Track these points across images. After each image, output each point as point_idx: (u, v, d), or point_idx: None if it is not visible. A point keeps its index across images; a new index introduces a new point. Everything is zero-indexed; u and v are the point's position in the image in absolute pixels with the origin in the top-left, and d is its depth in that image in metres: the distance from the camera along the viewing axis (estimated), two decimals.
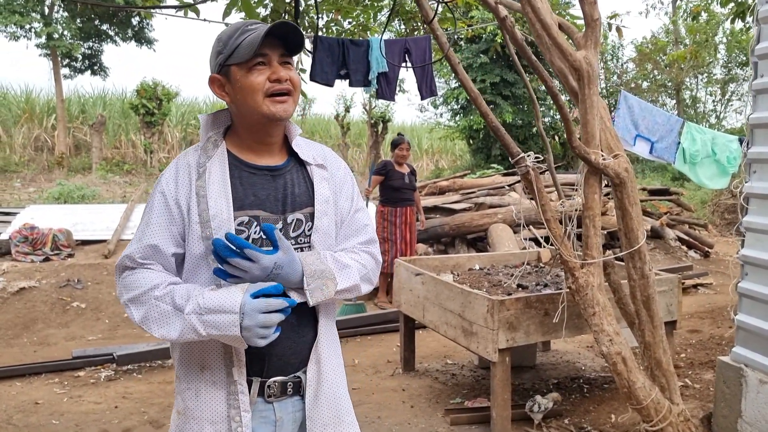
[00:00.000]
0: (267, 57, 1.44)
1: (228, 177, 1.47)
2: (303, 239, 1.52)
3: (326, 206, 1.55)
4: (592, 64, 2.78)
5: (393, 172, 6.50)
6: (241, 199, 1.47)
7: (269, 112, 1.45)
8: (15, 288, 5.82)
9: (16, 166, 17.40)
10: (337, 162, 1.66)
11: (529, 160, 2.87)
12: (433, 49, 5.48)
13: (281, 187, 1.51)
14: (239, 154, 1.52)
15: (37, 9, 17.66)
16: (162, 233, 1.45)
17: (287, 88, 1.46)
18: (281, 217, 1.50)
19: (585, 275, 2.95)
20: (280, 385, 1.49)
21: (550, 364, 4.77)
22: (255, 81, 1.44)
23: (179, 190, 1.46)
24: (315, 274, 1.45)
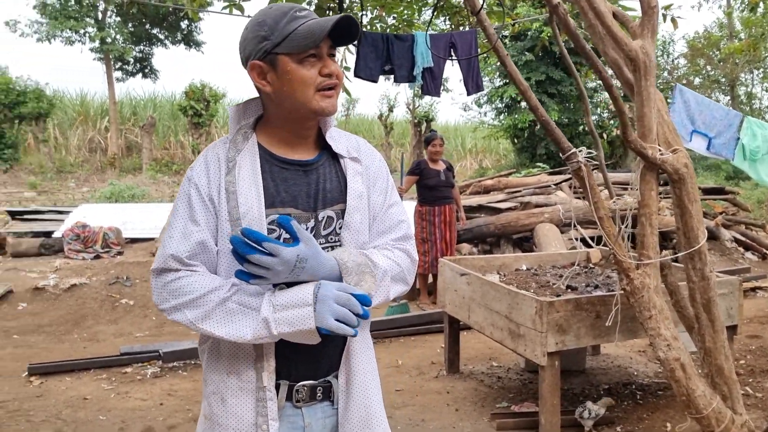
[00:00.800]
0: (319, 49, 1.36)
1: (259, 172, 1.38)
2: (333, 237, 1.43)
3: (359, 202, 1.45)
4: (649, 54, 2.64)
5: (427, 170, 6.32)
6: (273, 195, 1.38)
7: (319, 107, 1.37)
8: (67, 285, 5.97)
9: (71, 167, 18.01)
10: (371, 154, 1.56)
11: (581, 156, 2.75)
12: (478, 44, 5.35)
13: (313, 183, 1.43)
14: (270, 148, 1.43)
15: (90, 14, 18.24)
16: (206, 229, 1.36)
17: (335, 82, 1.39)
18: (313, 214, 1.41)
19: (641, 276, 2.80)
20: (310, 389, 1.41)
21: (601, 368, 4.60)
22: (307, 74, 1.35)
23: (211, 185, 1.38)
24: (353, 269, 1.34)
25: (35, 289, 5.88)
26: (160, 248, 1.38)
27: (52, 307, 5.69)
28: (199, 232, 1.35)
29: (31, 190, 14.35)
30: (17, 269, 6.53)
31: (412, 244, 1.56)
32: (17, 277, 6.24)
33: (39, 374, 4.23)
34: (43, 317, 5.51)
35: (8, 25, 17.92)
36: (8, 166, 16.71)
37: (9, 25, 17.90)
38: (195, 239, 1.35)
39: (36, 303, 5.73)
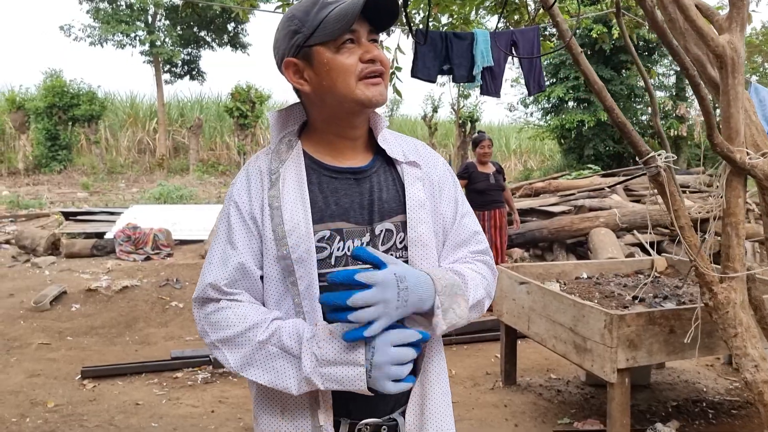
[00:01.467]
0: (356, 33, 1.20)
1: (305, 184, 1.24)
2: (394, 253, 1.25)
3: (421, 212, 1.27)
4: (737, 49, 2.42)
5: (476, 173, 6.04)
6: (322, 209, 1.23)
7: (364, 96, 1.20)
8: (118, 286, 6.01)
9: (121, 168, 18.43)
10: (433, 158, 1.38)
11: (661, 160, 2.55)
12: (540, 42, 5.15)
13: (367, 193, 1.26)
14: (317, 156, 1.28)
15: (141, 18, 18.63)
16: (247, 252, 1.22)
17: (380, 69, 1.22)
18: (368, 228, 1.25)
19: (725, 291, 2.58)
20: (373, 428, 1.24)
21: (667, 383, 4.36)
22: (346, 62, 1.19)
23: (253, 202, 1.24)
24: (446, 289, 1.17)
25: (88, 290, 5.94)
26: (201, 275, 1.26)
27: (104, 308, 5.73)
28: (237, 256, 1.22)
29: (83, 190, 14.72)
30: (71, 270, 6.62)
31: (492, 257, 1.42)
32: (71, 278, 6.32)
33: (92, 377, 4.24)
34: (96, 319, 5.55)
35: (62, 30, 18.47)
36: (62, 166, 17.20)
37: (63, 29, 18.45)
38: (233, 264, 1.22)
39: (89, 304, 5.78)
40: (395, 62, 5.27)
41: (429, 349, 1.28)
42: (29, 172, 17.04)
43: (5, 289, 6.12)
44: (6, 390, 4.02)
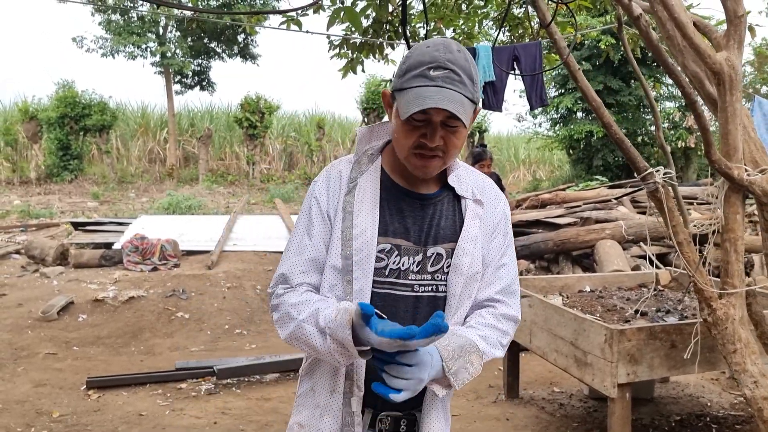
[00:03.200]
0: (428, 116, 1.30)
1: (378, 197, 1.39)
2: (440, 276, 1.40)
3: (471, 245, 1.40)
4: (735, 67, 2.44)
5: None
6: (386, 224, 1.39)
7: (411, 166, 1.36)
8: (125, 297, 6.05)
9: (131, 177, 18.57)
10: (496, 200, 1.50)
11: (659, 176, 2.56)
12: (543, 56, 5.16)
13: (428, 218, 1.41)
14: (393, 175, 1.44)
15: (152, 30, 18.82)
16: (321, 242, 1.40)
17: (432, 153, 1.33)
18: (422, 249, 1.39)
19: (724, 307, 2.59)
20: (393, 420, 1.41)
21: (671, 397, 4.33)
22: (405, 134, 1.33)
23: (330, 202, 1.41)
24: (454, 353, 1.31)
25: (95, 300, 5.99)
26: (279, 263, 1.45)
27: (111, 319, 5.77)
28: (311, 247, 1.40)
29: (93, 200, 14.84)
30: (79, 280, 6.68)
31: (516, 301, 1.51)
32: (78, 288, 6.38)
33: (97, 388, 4.27)
34: (102, 329, 5.59)
35: (75, 41, 18.67)
36: (73, 176, 17.35)
37: (76, 41, 18.66)
38: (307, 255, 1.40)
39: (96, 315, 5.83)
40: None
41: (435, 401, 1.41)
42: (41, 182, 17.21)
43: (14, 298, 6.18)
44: (12, 399, 4.07)
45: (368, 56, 5.01)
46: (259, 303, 6.45)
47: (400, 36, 4.77)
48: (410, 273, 1.38)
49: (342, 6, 3.51)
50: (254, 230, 8.86)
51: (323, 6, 4.30)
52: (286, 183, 18.04)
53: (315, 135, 20.49)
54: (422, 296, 1.39)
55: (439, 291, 1.40)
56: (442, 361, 1.28)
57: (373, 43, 4.81)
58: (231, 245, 8.10)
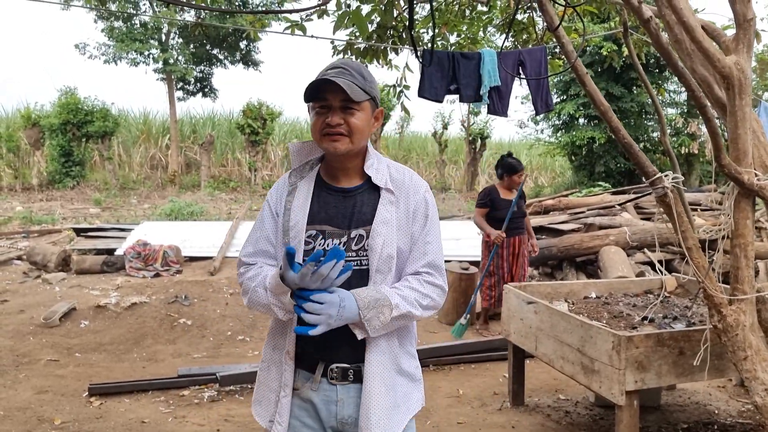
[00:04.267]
0: (327, 102, 1.67)
1: (310, 195, 1.74)
2: (362, 252, 1.69)
3: (383, 227, 1.68)
4: (744, 70, 2.42)
5: (498, 200, 5.66)
6: (315, 214, 1.72)
7: (324, 148, 1.73)
8: (127, 303, 6.03)
9: (133, 184, 18.57)
10: (415, 187, 1.77)
11: (668, 181, 2.53)
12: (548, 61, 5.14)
13: (350, 206, 1.72)
14: (325, 177, 1.79)
15: (155, 36, 18.85)
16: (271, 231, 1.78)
17: (338, 131, 1.66)
18: (346, 231, 1.69)
19: (734, 313, 2.56)
20: (341, 371, 1.70)
21: (677, 405, 4.29)
22: (313, 122, 1.71)
23: (278, 202, 1.78)
24: (369, 304, 1.60)
25: (97, 306, 5.96)
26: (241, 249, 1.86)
27: (113, 325, 5.74)
28: (262, 239, 1.79)
29: (96, 206, 14.83)
30: (81, 286, 6.66)
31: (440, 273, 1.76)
32: (80, 294, 6.35)
33: (99, 394, 4.24)
34: (104, 335, 5.56)
35: (78, 48, 18.70)
36: (75, 182, 17.34)
37: (78, 47, 18.68)
38: (257, 246, 1.80)
39: (98, 321, 5.80)
40: (404, 80, 5.31)
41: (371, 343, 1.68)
42: (43, 188, 17.20)
43: (16, 305, 6.16)
44: (14, 406, 4.04)
45: (372, 61, 5.00)
46: None
47: (404, 41, 4.76)
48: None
49: (348, 10, 3.50)
50: None
51: (327, 11, 4.30)
52: None
53: None
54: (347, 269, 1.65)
55: (363, 265, 1.68)
56: (358, 309, 1.58)
57: (377, 48, 4.80)
58: (233, 251, 8.08)
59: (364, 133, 1.70)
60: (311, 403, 1.71)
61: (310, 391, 1.71)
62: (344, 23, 3.60)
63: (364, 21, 3.55)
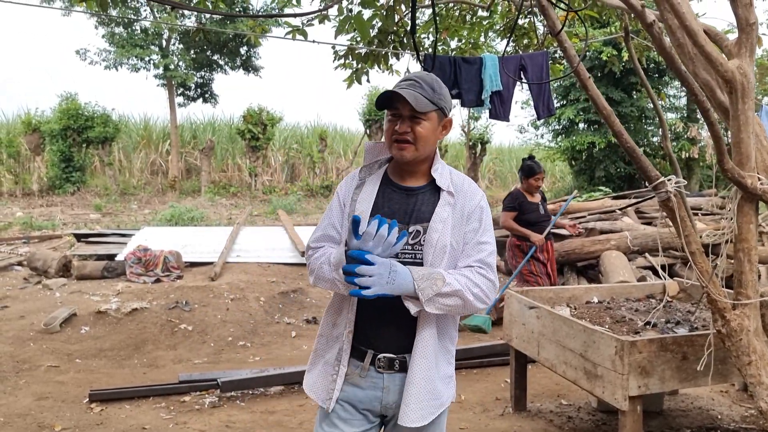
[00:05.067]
0: (398, 111, 1.84)
1: (376, 191, 1.91)
2: (417, 247, 1.83)
3: (439, 225, 1.82)
4: (747, 74, 2.42)
5: (526, 204, 5.54)
6: (378, 207, 1.88)
7: (393, 154, 1.89)
8: (128, 309, 6.01)
9: (134, 189, 18.56)
10: (472, 193, 1.91)
11: (671, 185, 2.53)
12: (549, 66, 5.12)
13: (412, 204, 1.88)
14: (392, 176, 1.95)
15: (155, 42, 18.89)
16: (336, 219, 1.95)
17: (405, 138, 1.83)
18: (405, 226, 1.84)
19: (738, 318, 2.55)
20: (388, 360, 1.85)
21: (680, 410, 4.28)
22: (386, 128, 1.89)
23: (346, 195, 1.96)
24: (423, 276, 1.73)
25: (98, 312, 5.95)
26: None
27: (113, 331, 5.73)
28: (329, 226, 1.96)
29: (96, 211, 14.81)
30: (81, 292, 6.64)
31: (491, 269, 1.86)
32: (81, 300, 6.34)
33: (99, 401, 4.22)
34: (105, 341, 5.54)
35: (78, 54, 18.73)
36: (76, 188, 17.34)
37: (79, 53, 18.72)
38: (325, 231, 1.96)
39: (98, 327, 5.79)
40: None
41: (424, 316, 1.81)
42: (43, 194, 17.19)
43: (16, 311, 6.14)
44: (14, 413, 4.02)
45: (373, 66, 5.00)
46: (262, 315, 6.41)
47: (406, 46, 4.76)
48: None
49: (350, 15, 3.50)
50: (257, 242, 8.81)
51: (329, 16, 4.30)
52: (289, 195, 18.01)
53: (317, 147, 20.50)
54: (404, 262, 1.80)
55: (417, 258, 1.83)
56: (413, 280, 1.72)
57: (378, 54, 4.80)
58: (234, 257, 8.07)
59: (430, 141, 1.87)
60: (358, 387, 1.87)
61: (357, 377, 1.87)
62: (346, 28, 3.60)
63: (366, 26, 3.54)
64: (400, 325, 1.83)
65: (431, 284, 1.73)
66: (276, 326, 6.24)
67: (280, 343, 5.83)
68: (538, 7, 2.80)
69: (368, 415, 1.90)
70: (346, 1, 4.31)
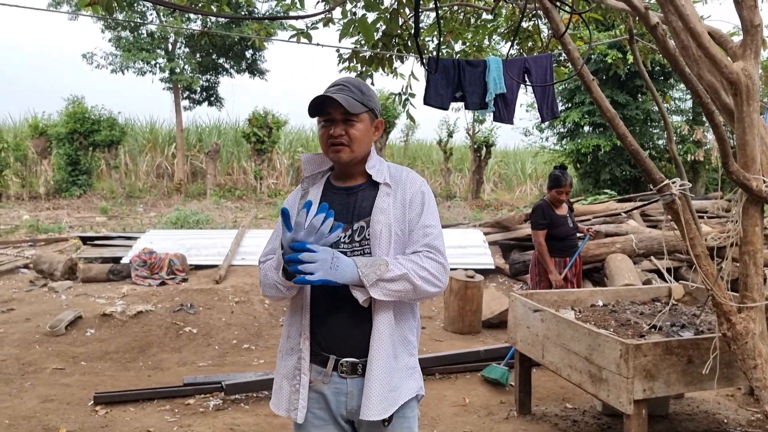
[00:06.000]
0: (330, 115, 1.89)
1: (319, 196, 1.96)
2: (365, 242, 1.86)
3: (381, 216, 1.86)
4: (752, 76, 2.41)
5: (555, 218, 5.18)
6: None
7: (331, 158, 1.94)
8: (133, 311, 6.03)
9: (139, 192, 18.63)
10: (411, 181, 1.94)
11: (675, 188, 2.52)
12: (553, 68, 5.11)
13: (353, 202, 1.92)
14: (333, 180, 2.01)
15: (161, 46, 18.97)
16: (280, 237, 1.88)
17: (339, 141, 1.87)
18: (349, 225, 1.88)
19: (744, 321, 2.53)
20: (351, 365, 1.84)
21: (686, 414, 4.25)
22: (320, 135, 1.95)
23: (292, 208, 1.97)
24: (366, 263, 1.76)
25: (103, 315, 5.96)
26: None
27: (118, 333, 5.74)
28: (275, 239, 1.98)
29: (102, 214, 14.86)
30: (87, 294, 6.66)
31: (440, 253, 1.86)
32: (86, 303, 6.36)
33: (104, 403, 4.23)
34: (110, 344, 5.56)
35: (85, 58, 18.82)
36: (82, 191, 17.41)
37: (86, 57, 18.80)
38: (271, 245, 2.01)
39: (103, 329, 5.80)
40: (409, 88, 5.31)
41: (379, 316, 1.82)
42: (50, 197, 17.27)
43: (22, 313, 6.17)
44: (19, 415, 4.03)
45: (377, 69, 5.00)
46: (267, 318, 6.41)
47: (410, 49, 4.76)
48: (341, 243, 1.85)
49: (354, 18, 3.50)
50: (262, 245, 8.67)
51: (333, 19, 4.31)
52: None
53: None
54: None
55: (365, 253, 1.84)
56: (356, 267, 1.74)
57: (382, 57, 4.81)
58: (239, 259, 8.08)
59: (364, 142, 1.92)
60: (322, 395, 1.87)
61: (321, 384, 1.86)
62: (350, 31, 3.61)
63: (370, 29, 3.54)
64: (360, 328, 1.83)
65: (374, 270, 1.75)
66: (280, 329, 6.25)
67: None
68: (542, 10, 2.80)
69: (339, 421, 1.89)
70: (350, 5, 4.32)
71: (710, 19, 4.42)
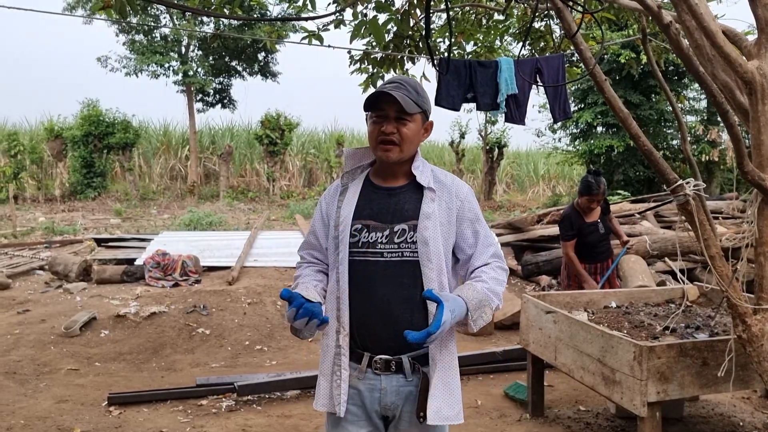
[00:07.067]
0: (384, 111, 1.87)
1: (358, 193, 1.95)
2: (405, 245, 1.86)
3: (427, 221, 1.85)
4: (767, 75, 2.38)
5: (584, 227, 5.01)
6: (361, 210, 1.92)
7: (378, 156, 1.93)
8: (147, 313, 6.07)
9: (153, 194, 18.78)
10: (457, 188, 1.96)
11: (689, 188, 2.49)
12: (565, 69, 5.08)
13: (393, 203, 1.91)
14: (373, 178, 2.00)
15: (175, 49, 19.11)
16: (320, 232, 2.03)
17: (390, 139, 1.87)
18: (389, 226, 1.88)
19: (759, 323, 2.50)
20: (384, 362, 1.87)
21: (701, 417, 4.21)
22: (370, 130, 1.93)
23: (329, 203, 2.01)
24: (476, 306, 1.79)
25: (117, 316, 6.01)
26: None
27: (132, 334, 5.79)
28: (311, 235, 2.06)
29: (116, 216, 15.00)
30: (101, 296, 6.72)
31: (503, 259, 1.98)
32: (101, 304, 6.41)
33: (118, 404, 4.26)
34: (124, 345, 5.60)
35: (99, 61, 19.01)
36: (97, 193, 17.58)
37: (100, 61, 19.00)
38: (307, 239, 2.09)
39: (117, 330, 5.85)
40: None
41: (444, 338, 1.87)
42: (65, 199, 17.45)
43: (37, 314, 6.23)
44: (34, 415, 4.07)
45: (389, 71, 5.00)
46: (279, 319, 6.43)
47: (421, 50, 4.76)
48: (378, 244, 1.86)
49: (365, 20, 3.51)
50: (275, 246, 8.85)
51: (344, 21, 4.32)
52: (306, 199, 18.08)
53: (334, 151, 20.57)
54: (390, 260, 1.86)
55: (405, 256, 1.85)
56: (467, 310, 1.76)
57: (393, 58, 4.81)
58: (252, 261, 8.11)
59: (414, 143, 1.91)
60: (358, 391, 1.90)
61: (356, 380, 1.90)
62: (361, 33, 3.61)
63: (381, 31, 3.54)
64: (395, 327, 1.83)
65: (481, 313, 1.80)
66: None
67: (296, 347, 5.84)
68: (554, 10, 2.79)
69: (373, 417, 1.92)
70: (361, 6, 4.33)
71: (724, 18, 4.36)
